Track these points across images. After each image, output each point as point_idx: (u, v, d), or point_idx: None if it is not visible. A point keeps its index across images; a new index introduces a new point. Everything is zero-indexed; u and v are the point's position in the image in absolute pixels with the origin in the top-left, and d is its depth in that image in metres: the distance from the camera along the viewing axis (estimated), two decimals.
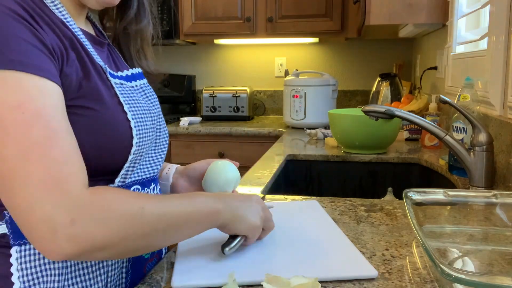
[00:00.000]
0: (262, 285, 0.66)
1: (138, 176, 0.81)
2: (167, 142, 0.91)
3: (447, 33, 1.87)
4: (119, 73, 0.82)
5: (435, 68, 2.15)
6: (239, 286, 0.67)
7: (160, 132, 0.87)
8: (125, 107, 0.75)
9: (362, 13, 2.07)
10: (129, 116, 0.75)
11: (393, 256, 0.79)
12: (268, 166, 1.57)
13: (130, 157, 0.75)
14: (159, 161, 0.88)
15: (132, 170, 0.78)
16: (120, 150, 0.74)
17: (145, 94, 0.86)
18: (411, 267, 0.75)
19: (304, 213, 1.01)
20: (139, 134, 0.76)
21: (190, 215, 0.71)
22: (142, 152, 0.78)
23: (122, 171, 0.76)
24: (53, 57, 0.67)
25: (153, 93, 0.90)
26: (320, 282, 0.67)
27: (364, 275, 0.70)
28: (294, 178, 1.77)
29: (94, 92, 0.72)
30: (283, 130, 2.62)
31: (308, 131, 2.21)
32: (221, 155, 2.71)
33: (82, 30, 0.79)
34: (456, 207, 0.90)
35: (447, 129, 1.44)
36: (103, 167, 0.73)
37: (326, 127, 2.46)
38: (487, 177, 1.14)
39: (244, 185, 1.33)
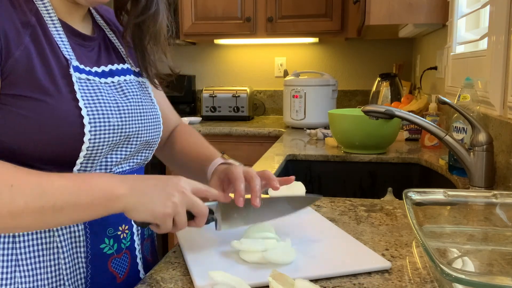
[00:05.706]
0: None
1: (107, 169, 0.81)
2: (154, 137, 0.90)
3: (447, 33, 1.87)
4: (94, 69, 0.81)
5: (435, 68, 2.15)
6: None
7: (138, 128, 0.85)
8: (81, 103, 0.75)
9: (362, 13, 2.07)
10: (84, 112, 0.74)
11: (393, 256, 0.79)
12: (268, 166, 1.57)
13: (82, 153, 0.75)
14: (139, 157, 0.89)
15: (93, 163, 0.77)
16: (68, 143, 0.73)
17: (122, 91, 0.84)
18: (411, 267, 0.75)
19: (299, 216, 0.99)
20: (95, 130, 0.75)
21: (77, 199, 0.66)
22: (102, 147, 0.77)
23: (78, 165, 0.76)
24: None
25: (135, 90, 0.87)
26: (328, 278, 0.68)
27: (378, 267, 0.72)
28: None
29: (35, 83, 0.72)
30: (283, 130, 2.62)
31: (308, 131, 2.21)
32: (221, 155, 2.70)
33: (63, 24, 0.80)
34: (456, 207, 0.90)
35: (447, 129, 1.44)
36: (52, 155, 0.73)
37: (326, 127, 2.46)
38: (487, 177, 1.14)
39: None
